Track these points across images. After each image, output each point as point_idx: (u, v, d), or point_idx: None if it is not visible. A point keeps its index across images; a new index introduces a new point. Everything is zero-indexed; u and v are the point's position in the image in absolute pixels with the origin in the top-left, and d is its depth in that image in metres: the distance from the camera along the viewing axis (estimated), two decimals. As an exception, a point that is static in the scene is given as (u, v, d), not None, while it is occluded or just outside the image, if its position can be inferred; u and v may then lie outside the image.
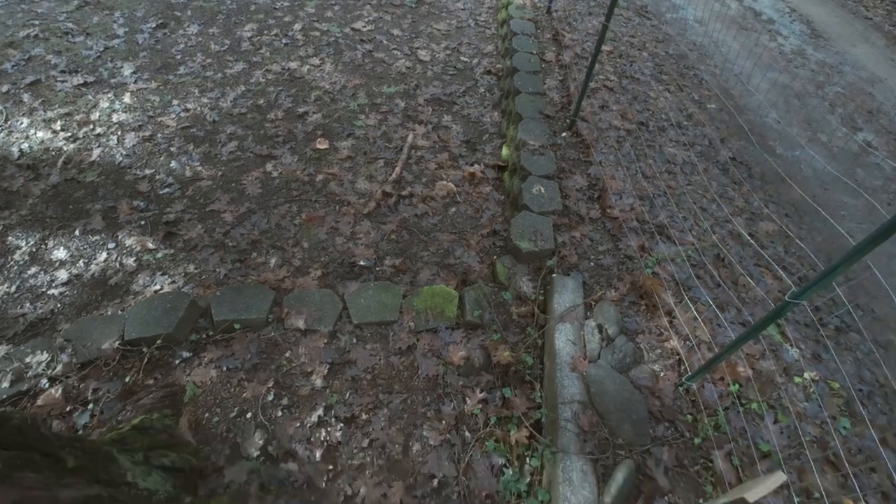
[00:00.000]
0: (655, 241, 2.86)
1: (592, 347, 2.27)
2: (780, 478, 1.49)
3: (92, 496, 1.24)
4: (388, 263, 2.93)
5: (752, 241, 3.01)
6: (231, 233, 3.00)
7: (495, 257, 2.95)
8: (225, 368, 2.31)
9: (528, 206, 3.00)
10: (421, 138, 3.85)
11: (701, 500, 1.89)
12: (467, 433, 2.25)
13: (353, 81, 4.29)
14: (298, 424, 2.19)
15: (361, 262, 2.91)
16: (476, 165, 3.67)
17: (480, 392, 2.36)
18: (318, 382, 2.33)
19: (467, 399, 2.35)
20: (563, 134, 3.65)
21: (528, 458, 2.14)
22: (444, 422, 2.27)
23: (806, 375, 2.35)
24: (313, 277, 2.79)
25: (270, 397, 2.26)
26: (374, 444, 2.18)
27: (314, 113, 3.94)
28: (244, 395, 2.25)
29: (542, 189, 3.09)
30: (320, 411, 2.23)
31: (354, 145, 3.71)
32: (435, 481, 2.08)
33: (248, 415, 2.19)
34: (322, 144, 3.68)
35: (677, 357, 2.31)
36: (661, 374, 2.24)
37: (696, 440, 2.04)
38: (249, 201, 3.21)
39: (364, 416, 2.26)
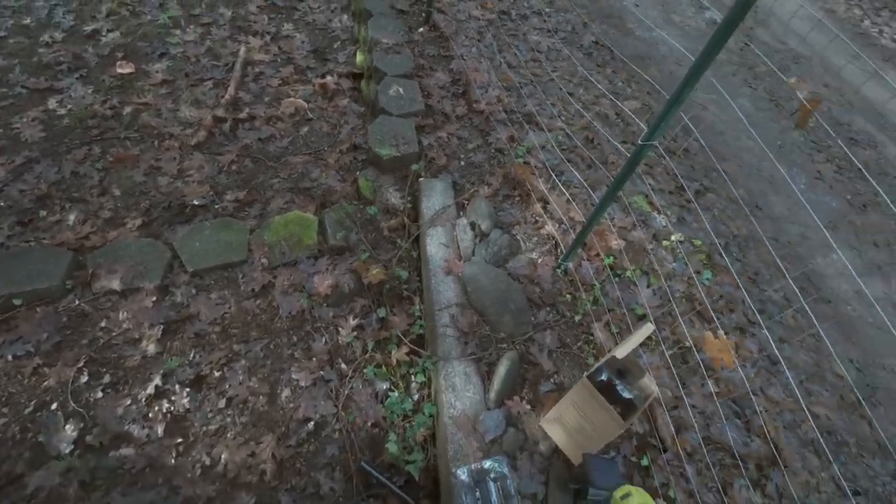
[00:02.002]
0: (525, 131, 2.69)
1: (466, 246, 2.08)
2: (648, 329, 1.43)
3: None
4: (230, 198, 2.43)
5: (619, 121, 2.97)
6: (4, 191, 2.27)
7: (358, 173, 2.59)
8: (10, 357, 1.77)
9: (387, 110, 2.64)
10: (258, 52, 3.22)
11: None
12: (343, 365, 1.99)
13: (159, -12, 3.42)
14: (129, 402, 1.77)
15: (195, 202, 2.39)
16: (329, 77, 3.17)
17: (354, 319, 2.10)
18: (151, 348, 1.89)
19: (340, 329, 2.08)
20: (420, 29, 3.25)
21: (413, 376, 1.96)
22: (315, 359, 1.99)
23: (672, 238, 2.40)
24: (131, 228, 2.23)
25: (84, 379, 1.79)
26: (233, 402, 1.84)
27: (109, 31, 3.09)
28: (45, 384, 1.75)
29: (401, 90, 2.73)
30: (157, 380, 1.82)
31: (171, 67, 2.99)
32: (311, 424, 1.83)
33: (53, 406, 1.71)
34: (125, 69, 2.91)
35: (553, 241, 2.21)
36: (539, 261, 2.14)
37: (577, 318, 1.99)
38: (28, 149, 2.45)
39: (216, 374, 1.89)
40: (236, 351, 1.96)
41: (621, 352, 1.31)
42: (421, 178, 2.40)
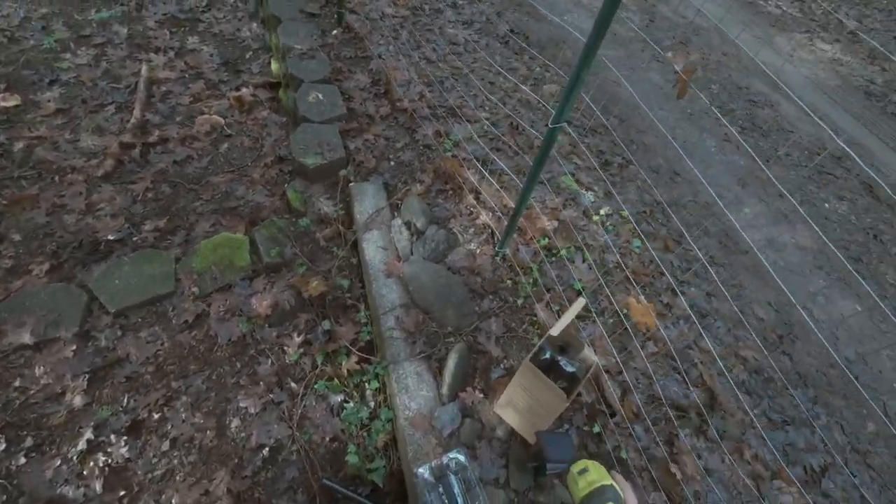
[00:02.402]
0: (451, 125, 2.71)
1: (403, 246, 2.08)
2: (580, 303, 1.49)
3: None
4: (150, 228, 2.28)
5: (542, 104, 3.05)
6: None
7: (286, 185, 2.51)
8: None
9: (308, 117, 2.57)
10: (163, 69, 3.03)
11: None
12: (293, 384, 1.94)
13: (40, 10, 3.14)
14: (59, 462, 1.63)
15: (109, 237, 2.22)
16: (244, 89, 3.04)
17: (299, 335, 2.04)
18: (78, 401, 1.75)
19: (286, 348, 2.02)
20: (334, 31, 3.18)
21: (366, 384, 1.94)
22: (262, 383, 1.92)
23: (601, 212, 2.51)
24: (38, 275, 2.04)
25: (1, 447, 1.62)
26: (178, 443, 1.74)
27: (-16, 61, 2.79)
28: (-47, 460, 1.58)
29: (320, 95, 2.67)
30: (89, 434, 1.69)
31: (65, 94, 2.76)
32: (265, 450, 1.76)
33: (-33, 483, 1.55)
34: (9, 101, 2.64)
35: (489, 230, 2.25)
36: (478, 251, 2.17)
37: (519, 301, 2.04)
38: None
39: (156, 416, 1.78)
40: (175, 388, 1.86)
41: (556, 329, 1.36)
42: (351, 184, 2.37)
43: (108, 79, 2.90)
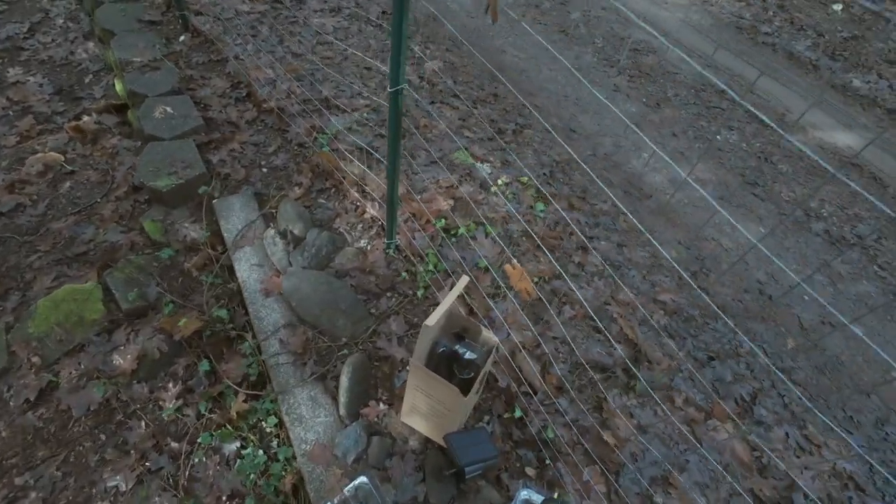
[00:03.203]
0: (326, 118, 2.47)
1: (279, 258, 1.83)
2: (462, 282, 1.32)
3: None
4: (-26, 298, 1.88)
5: (424, 84, 2.88)
6: None
7: (142, 217, 2.17)
8: None
9: (156, 135, 2.24)
10: (-23, 110, 2.56)
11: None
12: (174, 444, 1.64)
13: None
14: None
15: (-84, 320, 1.80)
16: (86, 117, 2.64)
17: (176, 385, 1.74)
18: None
19: (162, 403, 1.71)
20: (182, 38, 2.84)
21: (263, 422, 1.68)
22: (133, 452, 1.61)
23: (499, 182, 2.38)
24: None
25: None
26: (29, 553, 1.41)
27: None
28: None
29: (168, 109, 2.34)
30: None
31: None
32: (145, 532, 1.47)
33: None
34: None
35: (380, 223, 2.05)
36: (369, 248, 1.96)
37: (419, 293, 1.85)
38: None
39: (-4, 527, 1.44)
40: (21, 485, 1.51)
41: (433, 318, 1.18)
42: (214, 200, 2.07)
43: None
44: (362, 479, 1.34)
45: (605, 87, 3.39)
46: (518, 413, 1.55)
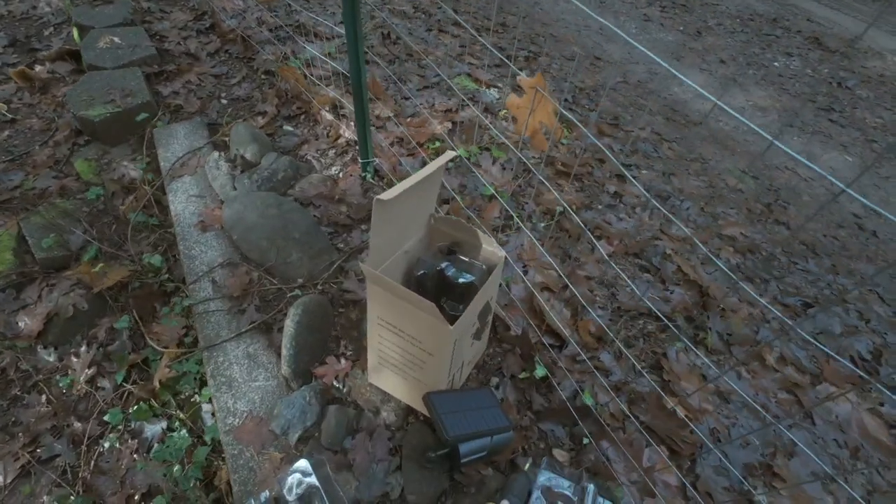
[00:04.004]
0: (300, 46, 2.08)
1: (222, 183, 1.42)
2: (447, 156, 0.87)
3: None
4: None
5: (419, 14, 2.47)
6: None
7: (74, 157, 1.81)
8: None
9: (97, 65, 1.89)
10: (-78, 64, 2.28)
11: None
12: (77, 424, 1.23)
13: None
14: None
15: None
16: (39, 66, 2.33)
17: (89, 351, 1.34)
18: None
19: (71, 372, 1.31)
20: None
21: (197, 393, 1.25)
22: (23, 436, 1.21)
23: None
24: None
25: None
26: None
27: None
28: None
29: (116, 39, 1.99)
30: None
31: None
32: (20, 543, 1.06)
33: None
34: None
35: (357, 147, 1.62)
36: (342, 174, 1.53)
37: (404, 223, 1.41)
38: None
39: None
40: None
41: (390, 192, 0.73)
42: (155, 129, 1.69)
43: None
44: (306, 462, 0.89)
45: (634, 17, 2.90)
46: (541, 371, 1.08)
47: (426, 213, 0.96)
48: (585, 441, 0.99)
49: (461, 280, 0.91)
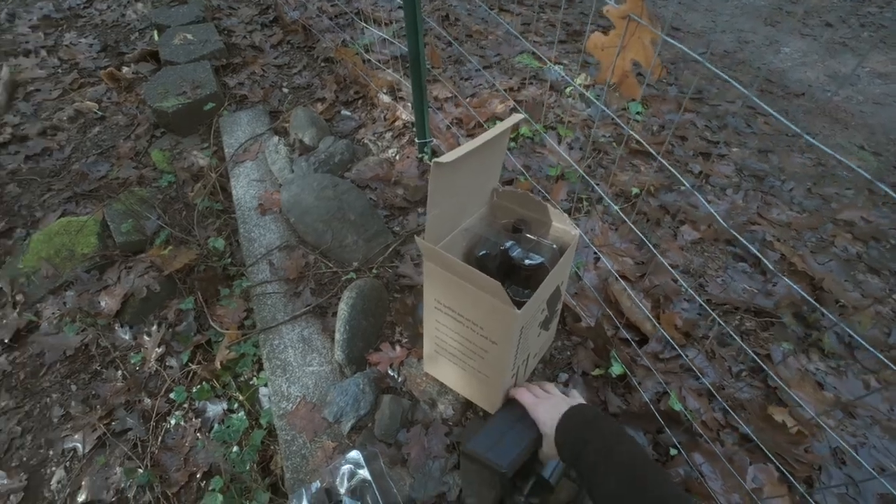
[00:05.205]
0: (360, 31, 2.06)
1: (280, 167, 1.41)
2: (512, 119, 0.77)
3: None
4: (-20, 238, 1.72)
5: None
6: None
7: (150, 147, 1.91)
8: None
9: (172, 60, 1.99)
10: (33, 69, 2.54)
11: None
12: (147, 400, 1.28)
13: None
14: None
15: (-75, 258, 1.66)
16: (125, 68, 2.51)
17: (160, 329, 1.39)
18: None
19: (143, 350, 1.37)
20: (216, -24, 2.62)
21: (255, 376, 1.25)
22: (101, 408, 1.27)
23: (577, 81, 1.77)
24: None
25: None
26: (-36, 524, 1.11)
27: None
28: None
29: (189, 35, 2.08)
30: None
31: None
32: (94, 511, 1.10)
33: None
34: None
35: (414, 129, 1.55)
36: (398, 156, 1.47)
37: (463, 206, 1.32)
38: None
39: (-63, 487, 1.16)
40: (-26, 440, 1.23)
41: (450, 156, 0.64)
42: (220, 118, 1.74)
43: (-34, 93, 2.43)
44: (358, 454, 0.83)
45: (718, -18, 2.60)
46: (617, 368, 0.94)
47: (489, 185, 0.86)
48: (673, 452, 0.85)
49: (527, 262, 0.81)
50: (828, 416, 0.91)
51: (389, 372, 0.99)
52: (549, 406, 0.73)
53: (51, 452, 1.21)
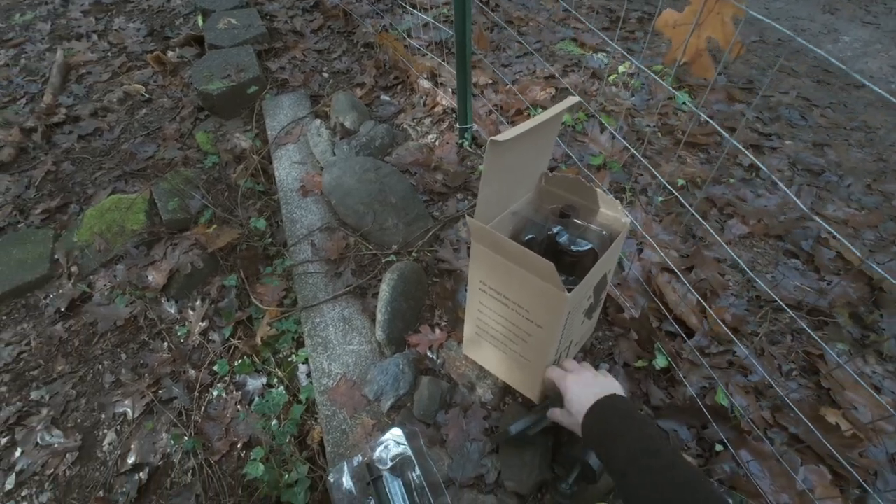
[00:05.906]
0: (399, 17, 2.06)
1: (322, 150, 1.43)
2: (568, 101, 0.76)
3: None
4: (40, 211, 1.82)
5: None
6: None
7: (194, 129, 1.97)
8: None
9: (216, 44, 2.03)
10: (84, 53, 2.65)
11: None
12: (192, 371, 1.33)
13: (-40, 24, 2.89)
14: None
15: (-10, 228, 1.77)
16: (170, 52, 2.58)
17: (203, 304, 1.44)
18: None
19: (188, 324, 1.42)
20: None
21: (294, 353, 1.29)
22: (149, 377, 1.32)
23: (621, 69, 1.73)
24: None
25: None
26: (26, 477, 1.18)
27: None
28: None
29: (233, 20, 2.13)
30: None
31: (-25, 97, 2.42)
32: (142, 474, 1.15)
33: None
34: (-88, 112, 2.33)
35: (454, 115, 1.55)
36: (438, 142, 1.47)
37: (503, 192, 1.31)
38: None
39: (2, 442, 1.24)
40: (35, 399, 1.31)
41: (506, 135, 0.64)
42: (263, 102, 1.77)
43: (25, 73, 2.56)
44: (400, 430, 0.85)
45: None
46: (661, 361, 0.93)
47: (539, 168, 0.85)
48: (719, 448, 0.83)
49: (574, 248, 0.80)
50: (886, 421, 0.87)
51: (428, 354, 1.00)
52: (579, 383, 0.71)
53: (102, 416, 1.28)
